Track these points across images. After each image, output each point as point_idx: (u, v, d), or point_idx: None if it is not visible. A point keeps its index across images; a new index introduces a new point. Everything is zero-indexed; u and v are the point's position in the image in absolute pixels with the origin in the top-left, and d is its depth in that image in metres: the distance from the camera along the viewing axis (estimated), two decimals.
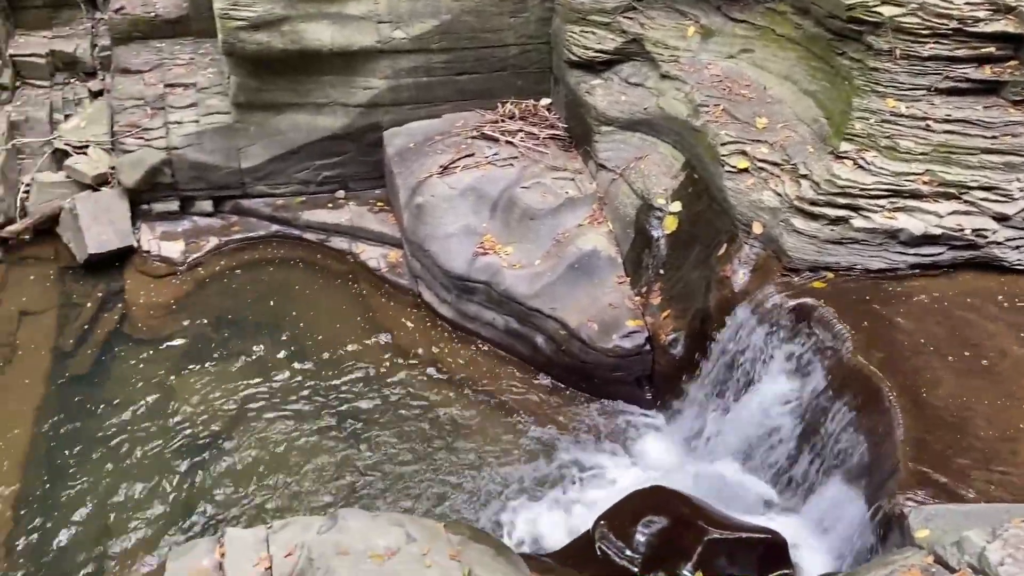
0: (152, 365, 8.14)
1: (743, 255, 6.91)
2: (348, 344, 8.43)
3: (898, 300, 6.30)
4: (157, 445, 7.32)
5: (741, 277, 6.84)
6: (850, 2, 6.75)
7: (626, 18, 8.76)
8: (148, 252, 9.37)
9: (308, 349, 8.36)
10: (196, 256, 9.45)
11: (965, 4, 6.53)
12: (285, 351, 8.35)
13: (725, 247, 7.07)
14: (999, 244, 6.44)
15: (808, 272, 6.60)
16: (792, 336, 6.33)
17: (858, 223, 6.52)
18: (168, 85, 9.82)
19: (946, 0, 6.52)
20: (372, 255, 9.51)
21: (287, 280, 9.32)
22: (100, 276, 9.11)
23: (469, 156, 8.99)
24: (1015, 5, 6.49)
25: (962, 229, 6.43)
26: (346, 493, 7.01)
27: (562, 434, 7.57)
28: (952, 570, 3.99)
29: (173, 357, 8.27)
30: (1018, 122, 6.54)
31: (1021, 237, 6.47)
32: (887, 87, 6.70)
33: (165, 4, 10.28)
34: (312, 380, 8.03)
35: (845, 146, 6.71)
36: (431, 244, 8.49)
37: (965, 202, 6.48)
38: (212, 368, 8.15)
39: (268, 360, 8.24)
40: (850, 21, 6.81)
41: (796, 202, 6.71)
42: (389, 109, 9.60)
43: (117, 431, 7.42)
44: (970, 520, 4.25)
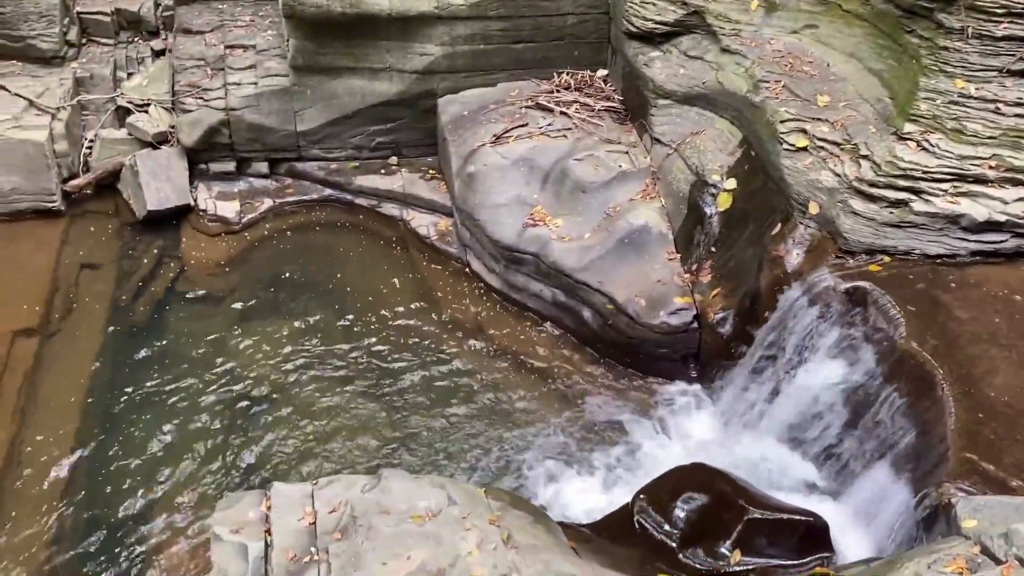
0: (205, 321, 8.32)
1: (797, 235, 6.81)
2: (396, 309, 8.52)
3: (956, 287, 6.16)
4: (208, 399, 7.51)
5: (795, 257, 6.74)
6: None
7: None
8: (204, 211, 9.54)
9: (356, 312, 8.46)
10: (250, 217, 9.60)
11: None
12: (333, 313, 8.47)
13: (779, 227, 6.96)
14: None
15: (864, 255, 6.48)
16: (844, 319, 6.23)
17: (918, 207, 6.37)
18: (228, 46, 9.93)
19: None
20: (422, 222, 9.56)
21: (338, 244, 9.42)
22: (158, 233, 9.30)
23: (523, 126, 8.95)
24: None
25: None
26: (388, 454, 7.13)
27: (605, 408, 7.58)
28: (999, 562, 3.93)
29: (225, 314, 8.44)
30: None
31: None
32: (956, 67, 6.50)
33: None
34: (359, 343, 8.14)
35: (909, 127, 6.53)
36: (481, 213, 8.50)
37: None
38: (263, 327, 8.30)
39: (317, 321, 8.37)
40: None
41: (855, 183, 6.57)
42: (445, 76, 9.59)
43: (170, 384, 7.62)
44: (1020, 513, 4.18)
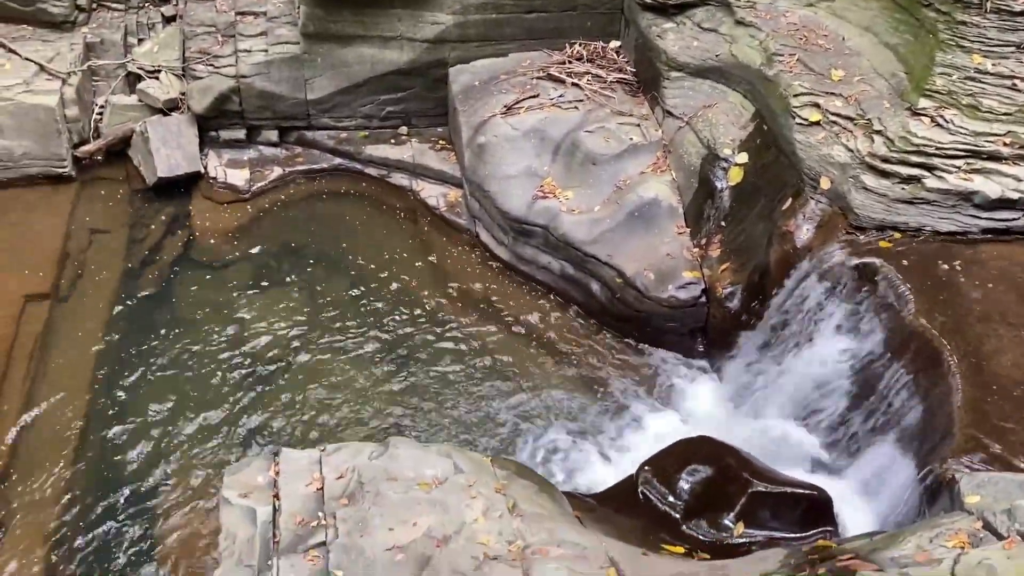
0: (215, 288, 8.36)
1: (808, 210, 6.78)
2: (404, 279, 8.54)
3: (967, 264, 6.13)
4: (217, 365, 7.55)
5: (805, 233, 6.72)
6: None
7: None
8: (214, 179, 9.54)
9: (365, 282, 8.48)
10: (260, 185, 9.60)
11: None
12: (342, 282, 8.49)
13: (790, 201, 6.94)
14: None
15: (874, 231, 6.45)
16: (853, 295, 6.22)
17: (931, 183, 6.33)
18: (239, 13, 9.85)
19: None
20: (432, 193, 9.54)
21: (347, 213, 9.42)
22: (168, 199, 9.32)
23: (534, 97, 8.90)
24: None
25: None
26: (396, 422, 7.18)
27: (611, 381, 7.61)
28: (1001, 537, 3.95)
29: (235, 282, 8.47)
30: None
31: None
32: (974, 42, 6.42)
33: None
34: (367, 312, 8.16)
35: (924, 102, 6.47)
36: (491, 185, 8.48)
37: None
38: (271, 294, 8.33)
39: (325, 290, 8.39)
40: None
41: (867, 158, 6.53)
42: (456, 45, 9.52)
43: (180, 350, 7.67)
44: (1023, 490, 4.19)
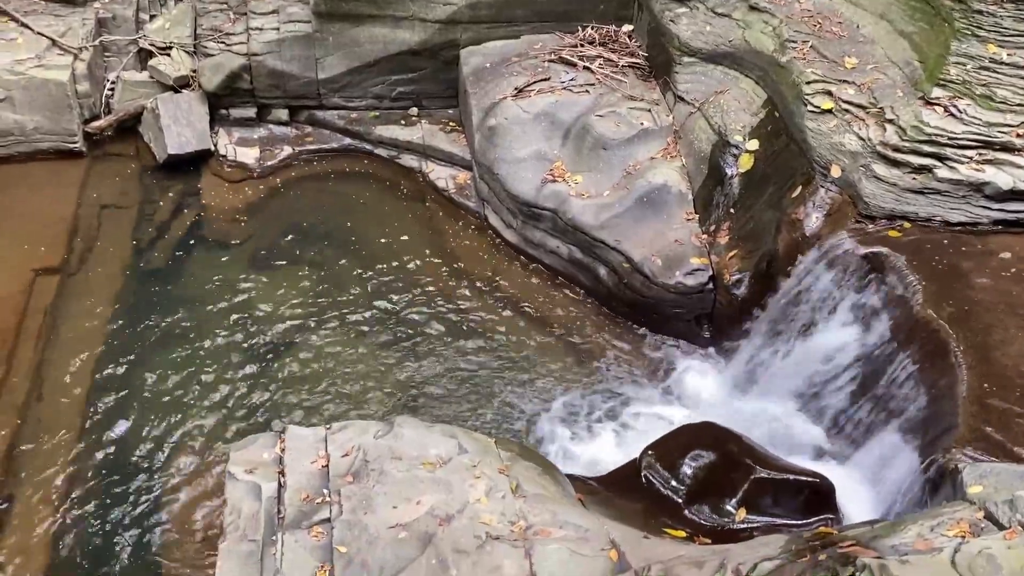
0: (223, 266, 8.39)
1: (818, 198, 6.75)
2: (412, 260, 8.55)
3: (976, 255, 6.11)
4: (223, 343, 7.59)
5: (814, 220, 6.69)
6: None
7: None
8: (224, 157, 9.55)
9: (372, 262, 8.50)
10: (270, 164, 9.61)
11: None
12: (349, 262, 8.51)
13: (800, 189, 6.91)
14: None
15: (884, 220, 6.42)
16: (861, 284, 6.21)
17: (942, 173, 6.30)
18: None
19: None
20: (441, 175, 9.54)
21: (356, 193, 9.43)
22: (178, 177, 9.34)
23: (545, 80, 8.87)
24: None
25: None
26: (400, 402, 7.22)
27: (616, 365, 7.63)
28: (1002, 527, 3.96)
29: (243, 260, 8.50)
30: None
31: None
32: (989, 32, 6.38)
33: None
34: (374, 292, 8.19)
35: (937, 92, 6.44)
36: (500, 168, 8.47)
37: None
38: (279, 273, 8.36)
39: (332, 269, 8.42)
40: None
41: (879, 147, 6.50)
42: (468, 27, 9.48)
43: (188, 327, 7.71)
44: None
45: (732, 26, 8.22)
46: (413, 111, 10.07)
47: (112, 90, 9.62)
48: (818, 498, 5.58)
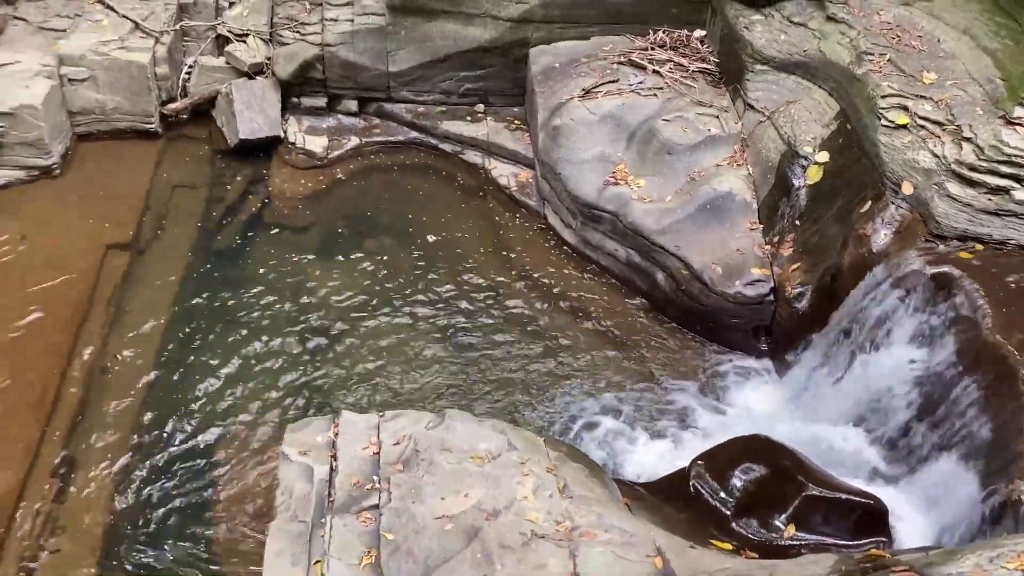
0: (286, 251, 8.54)
1: (887, 215, 6.61)
2: (470, 255, 8.61)
3: None
4: (282, 325, 7.74)
5: (882, 237, 6.56)
6: None
7: None
8: (293, 144, 9.72)
9: (431, 255, 8.57)
10: (337, 153, 9.75)
11: None
12: (407, 253, 8.59)
13: (869, 204, 6.77)
14: None
15: (955, 241, 6.26)
16: (927, 305, 6.06)
17: (1020, 195, 6.12)
18: None
19: None
20: (503, 172, 9.58)
21: (419, 187, 9.52)
22: (247, 161, 9.53)
23: (613, 82, 8.83)
24: None
25: None
26: (451, 395, 7.27)
27: (668, 372, 7.57)
28: None
29: (306, 246, 8.64)
30: None
31: None
32: None
33: None
34: (431, 285, 8.26)
35: (1020, 111, 6.25)
36: (563, 168, 8.47)
37: None
38: (340, 261, 8.49)
39: (392, 260, 8.51)
40: None
41: (954, 166, 6.33)
42: (539, 26, 9.49)
43: (249, 308, 7.87)
44: None
45: (808, 36, 8.09)
46: (479, 107, 10.12)
47: (189, 74, 9.87)
48: (870, 520, 5.47)
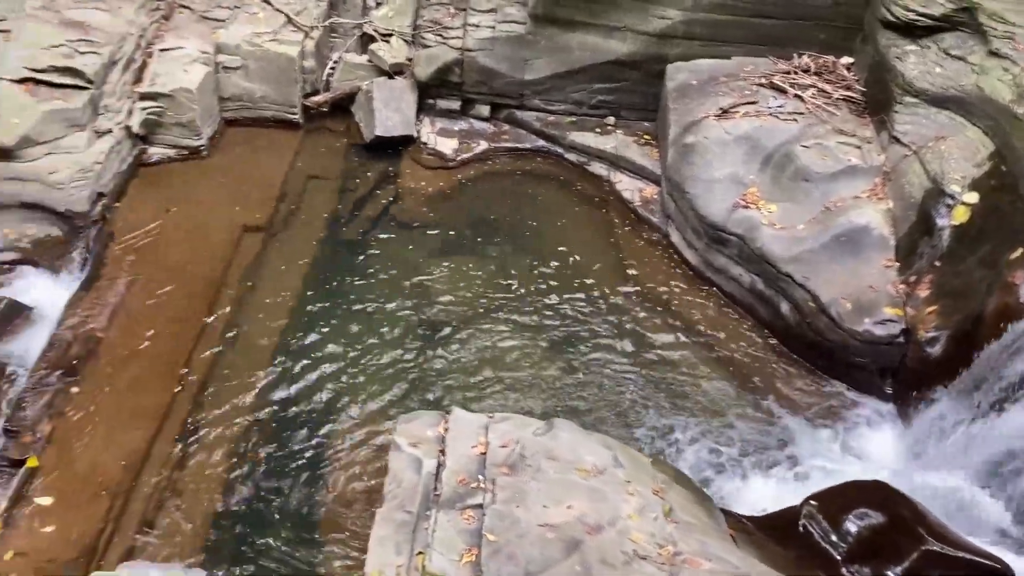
0: (408, 247, 8.73)
1: None
2: (587, 267, 8.57)
3: None
4: (400, 318, 7.91)
5: None
6: None
7: None
8: (425, 144, 9.93)
9: (547, 263, 8.58)
10: (465, 156, 9.91)
11: None
12: (526, 260, 8.63)
13: (1021, 251, 6.37)
14: None
15: None
16: None
17: None
18: None
19: None
20: (628, 187, 9.51)
21: (541, 195, 9.56)
22: (380, 158, 9.80)
23: (751, 103, 8.64)
24: None
25: None
26: (558, 403, 7.25)
27: (785, 406, 7.33)
28: None
29: (426, 244, 8.81)
30: None
31: None
32: None
33: None
34: (544, 292, 8.27)
35: None
36: (692, 186, 8.34)
37: None
38: (458, 260, 8.60)
39: (509, 265, 8.57)
40: None
41: None
42: (679, 42, 9.39)
43: (369, 298, 8.08)
44: None
45: (965, 70, 7.69)
46: (610, 120, 10.09)
47: (333, 69, 10.22)
48: None
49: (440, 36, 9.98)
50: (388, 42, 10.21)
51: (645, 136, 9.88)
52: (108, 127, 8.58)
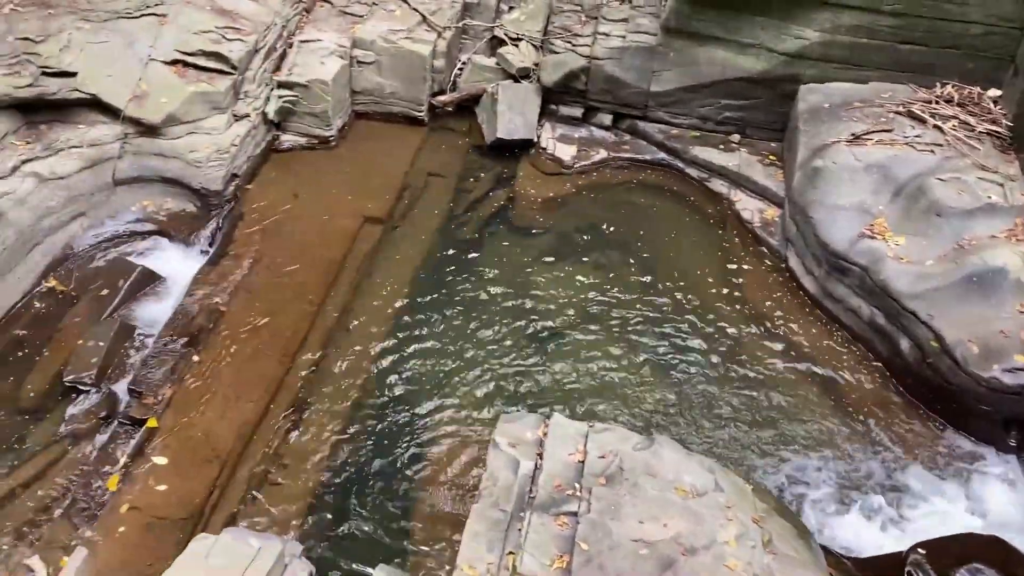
0: (519, 250, 8.79)
1: None
2: (698, 285, 8.44)
3: None
4: (505, 319, 7.97)
5: None
6: None
7: None
8: (544, 149, 9.99)
9: (660, 277, 8.49)
10: (583, 163, 9.91)
11: None
12: (636, 272, 8.57)
13: None
14: None
15: None
16: None
17: None
18: None
19: None
20: (748, 206, 9.31)
21: (658, 208, 9.46)
22: (499, 159, 9.91)
23: (886, 131, 8.31)
24: None
25: None
26: (658, 421, 7.15)
27: (898, 448, 7.02)
28: None
29: (538, 248, 8.84)
30: None
31: None
32: None
33: None
34: (650, 305, 8.18)
35: None
36: (816, 211, 8.09)
37: None
38: (566, 267, 8.61)
39: (619, 275, 8.52)
40: None
41: None
42: (815, 64, 9.14)
43: (477, 297, 8.19)
44: None
45: None
46: (735, 137, 9.91)
47: (461, 70, 10.42)
48: None
49: (569, 43, 10.02)
50: (517, 46, 10.33)
51: (770, 156, 9.65)
52: (246, 112, 9.00)
